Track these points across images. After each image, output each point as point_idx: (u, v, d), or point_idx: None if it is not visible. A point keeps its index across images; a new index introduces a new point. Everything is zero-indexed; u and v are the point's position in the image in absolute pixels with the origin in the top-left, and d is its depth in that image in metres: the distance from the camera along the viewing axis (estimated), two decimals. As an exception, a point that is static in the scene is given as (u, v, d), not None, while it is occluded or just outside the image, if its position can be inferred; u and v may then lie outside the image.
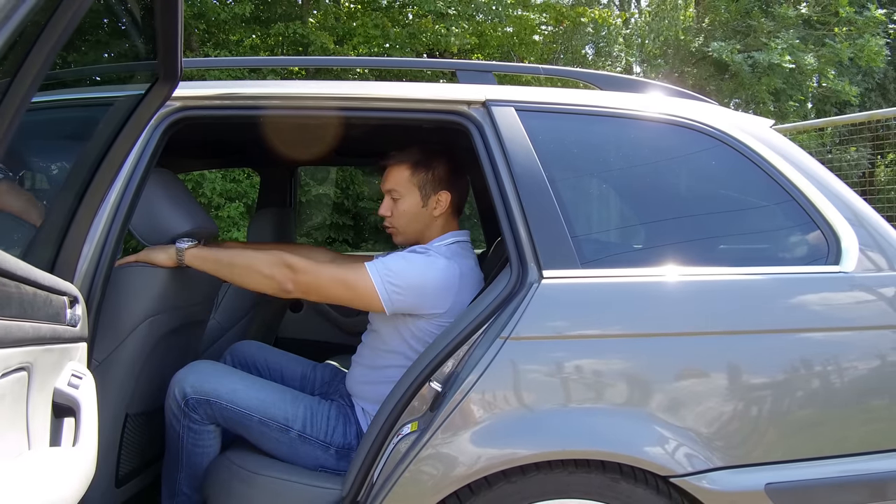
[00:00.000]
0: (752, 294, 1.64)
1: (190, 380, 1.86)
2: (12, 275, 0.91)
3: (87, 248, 1.58)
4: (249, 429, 1.88)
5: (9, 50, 0.87)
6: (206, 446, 1.90)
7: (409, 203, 1.97)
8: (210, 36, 8.60)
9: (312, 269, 1.81)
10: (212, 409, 1.86)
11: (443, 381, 1.59)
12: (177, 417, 1.87)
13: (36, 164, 1.83)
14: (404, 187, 1.97)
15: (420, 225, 1.98)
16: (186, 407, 1.85)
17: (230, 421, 1.88)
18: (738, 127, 1.78)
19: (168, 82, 1.45)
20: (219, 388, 1.86)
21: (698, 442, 1.54)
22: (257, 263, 1.83)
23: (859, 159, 8.32)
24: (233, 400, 1.86)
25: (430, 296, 1.82)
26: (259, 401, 1.87)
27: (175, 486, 1.92)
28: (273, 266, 1.81)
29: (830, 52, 10.27)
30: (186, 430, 1.87)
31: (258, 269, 1.83)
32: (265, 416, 1.86)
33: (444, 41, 8.73)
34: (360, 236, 8.61)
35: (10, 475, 0.86)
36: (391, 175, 1.99)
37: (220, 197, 6.86)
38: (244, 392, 1.87)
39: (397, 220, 1.99)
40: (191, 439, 1.88)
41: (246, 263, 1.85)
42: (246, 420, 1.86)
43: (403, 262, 1.84)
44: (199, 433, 1.88)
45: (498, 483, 1.54)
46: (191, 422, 1.86)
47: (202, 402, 1.85)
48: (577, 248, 1.62)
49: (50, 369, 1.11)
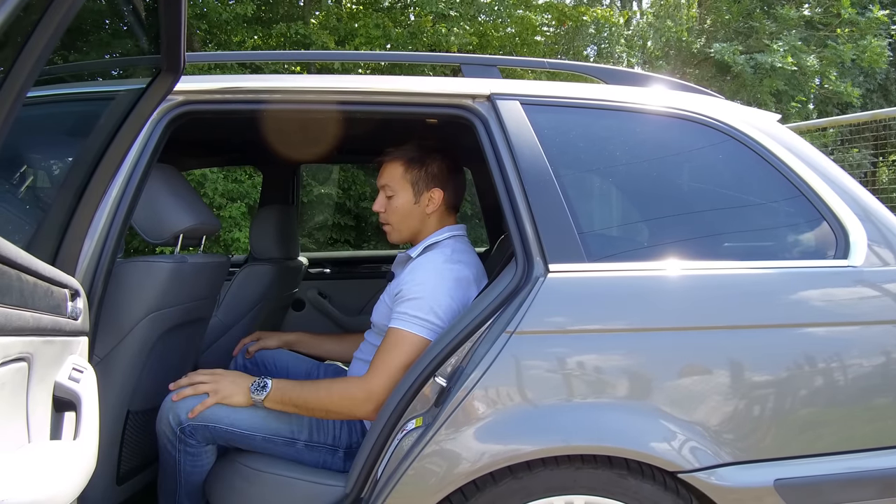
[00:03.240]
0: (760, 288, 1.62)
1: (186, 405, 1.78)
2: (13, 263, 0.90)
3: (89, 244, 1.57)
4: (252, 446, 1.83)
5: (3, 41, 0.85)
6: (204, 464, 1.85)
7: (402, 200, 1.96)
8: (212, 36, 8.59)
9: (389, 384, 1.72)
10: (210, 433, 1.79)
11: (448, 377, 1.58)
12: (172, 443, 1.80)
13: (37, 159, 1.81)
14: (397, 184, 1.96)
15: (414, 221, 1.97)
16: (182, 433, 1.78)
17: (232, 442, 1.83)
18: (745, 121, 1.76)
19: (170, 75, 1.44)
20: (217, 412, 1.78)
21: (706, 437, 1.52)
22: (338, 406, 1.77)
23: (861, 160, 8.30)
24: (233, 422, 1.79)
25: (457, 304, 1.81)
26: (260, 418, 1.81)
27: (175, 501, 1.88)
28: (355, 406, 1.75)
29: (832, 54, 10.24)
30: (184, 454, 1.81)
31: (340, 412, 1.80)
32: (269, 434, 1.81)
33: (445, 41, 8.73)
34: (362, 237, 8.58)
35: (10, 467, 0.85)
36: (385, 171, 1.98)
37: (221, 197, 6.83)
38: (244, 411, 1.80)
39: (390, 216, 1.98)
40: (189, 462, 1.82)
41: (325, 408, 1.78)
42: (249, 440, 1.81)
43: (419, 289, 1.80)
44: (196, 455, 1.83)
45: (504, 479, 1.53)
46: (187, 447, 1.80)
47: (199, 428, 1.78)
48: (584, 243, 1.60)
49: (50, 362, 1.10)
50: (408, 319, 1.77)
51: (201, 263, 1.98)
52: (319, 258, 3.81)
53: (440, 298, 1.78)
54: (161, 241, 1.90)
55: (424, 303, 1.77)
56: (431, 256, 1.90)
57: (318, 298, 3.35)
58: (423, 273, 1.84)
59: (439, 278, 1.82)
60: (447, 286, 1.81)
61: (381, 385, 1.73)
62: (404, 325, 1.76)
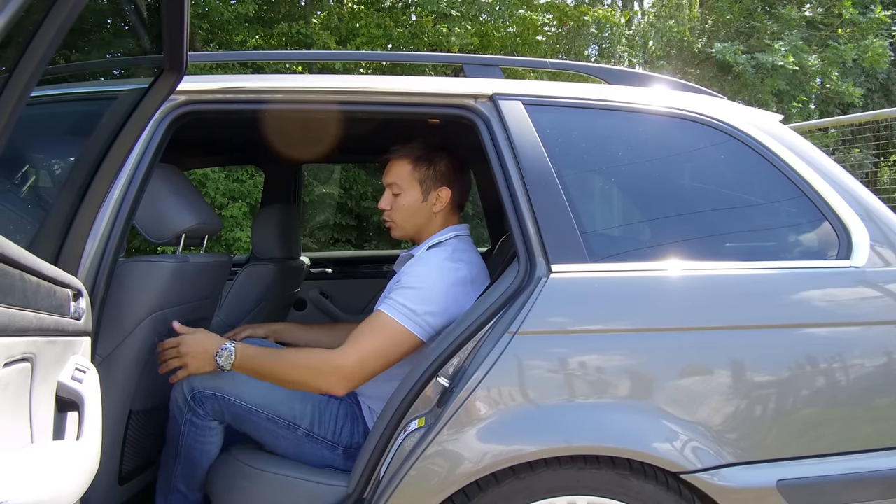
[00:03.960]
0: (763, 289, 1.62)
1: (199, 374, 1.84)
2: (16, 263, 0.89)
3: (91, 243, 1.57)
4: (257, 425, 1.86)
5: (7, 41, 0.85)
6: (206, 443, 1.88)
7: (410, 198, 1.95)
8: (213, 36, 8.59)
9: (360, 364, 1.73)
10: (219, 404, 1.84)
11: (450, 377, 1.57)
12: (181, 410, 1.85)
13: (40, 158, 1.81)
14: (405, 181, 1.95)
15: (420, 220, 1.97)
16: (193, 401, 1.83)
17: (237, 417, 1.86)
18: (748, 122, 1.76)
19: (173, 74, 1.44)
20: (228, 384, 1.84)
21: (709, 438, 1.52)
22: (304, 378, 1.77)
23: (862, 160, 8.29)
24: (241, 396, 1.84)
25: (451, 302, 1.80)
26: (267, 398, 1.85)
27: (171, 482, 1.90)
28: (320, 378, 1.75)
29: (834, 54, 10.23)
30: (189, 425, 1.85)
31: (305, 384, 1.78)
32: (273, 413, 1.85)
33: (446, 41, 8.72)
34: (363, 237, 8.57)
35: (14, 467, 0.84)
36: (392, 169, 1.97)
37: (223, 197, 6.84)
38: (253, 389, 1.85)
39: (396, 214, 1.97)
40: (192, 434, 1.86)
41: (290, 379, 1.79)
42: (254, 416, 1.85)
43: (415, 280, 1.81)
44: (201, 429, 1.86)
45: (507, 479, 1.53)
46: (195, 416, 1.84)
47: (210, 397, 1.83)
48: (586, 243, 1.60)
49: (53, 362, 1.10)
50: (395, 306, 1.77)
51: (203, 263, 1.98)
52: (321, 258, 3.81)
53: (433, 294, 1.78)
54: (163, 240, 1.90)
55: (416, 293, 1.78)
56: (434, 253, 1.90)
57: (319, 298, 3.35)
58: (423, 267, 1.85)
59: (438, 274, 1.82)
60: (444, 283, 1.80)
61: (349, 361, 1.73)
62: (389, 311, 1.77)
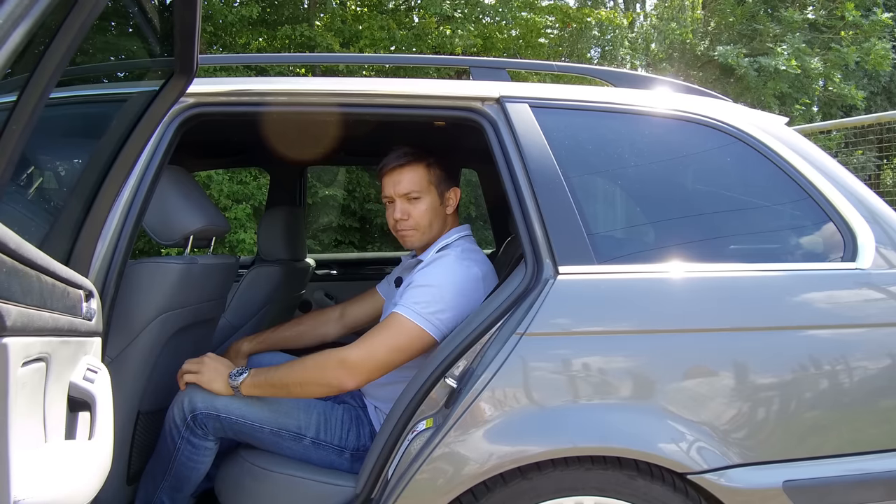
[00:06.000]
0: (770, 291, 1.63)
1: (200, 393, 1.82)
2: (34, 264, 0.90)
3: (101, 245, 1.57)
4: (262, 440, 1.86)
5: (27, 45, 0.86)
6: (199, 462, 1.86)
7: (430, 202, 1.95)
8: (217, 38, 8.61)
9: (366, 355, 1.73)
10: (221, 423, 1.82)
11: (458, 378, 1.58)
12: (178, 428, 1.83)
13: (51, 161, 1.82)
14: (423, 187, 1.94)
15: (439, 223, 1.97)
16: (193, 421, 1.81)
17: (241, 434, 1.85)
18: (754, 124, 1.77)
19: (184, 77, 1.45)
20: (229, 404, 1.82)
21: (715, 439, 1.53)
22: (311, 376, 1.76)
23: (865, 162, 8.29)
24: (243, 414, 1.82)
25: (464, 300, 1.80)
26: (270, 411, 1.84)
27: (155, 494, 1.89)
28: (327, 372, 1.74)
29: (836, 56, 10.24)
30: (185, 443, 1.83)
31: (315, 382, 1.76)
32: (277, 427, 1.84)
33: (450, 43, 8.73)
34: (367, 239, 8.58)
35: (29, 467, 0.85)
36: (405, 177, 1.94)
37: (227, 199, 6.85)
38: (255, 404, 1.84)
39: (421, 219, 1.94)
40: (187, 452, 1.84)
41: (299, 381, 1.77)
42: (258, 433, 1.84)
43: (430, 280, 1.82)
44: (197, 448, 1.84)
45: (514, 480, 1.53)
46: (192, 435, 1.83)
47: (211, 417, 1.81)
48: (593, 245, 1.61)
49: (66, 362, 1.11)
50: (409, 306, 1.77)
51: (211, 265, 1.99)
52: (326, 260, 3.82)
53: (447, 294, 1.79)
54: (171, 242, 1.91)
55: (429, 293, 1.78)
56: (444, 255, 1.90)
57: (324, 300, 3.36)
58: (436, 269, 1.85)
59: (451, 275, 1.82)
60: (457, 283, 1.81)
61: (357, 355, 1.72)
62: (403, 311, 1.77)
